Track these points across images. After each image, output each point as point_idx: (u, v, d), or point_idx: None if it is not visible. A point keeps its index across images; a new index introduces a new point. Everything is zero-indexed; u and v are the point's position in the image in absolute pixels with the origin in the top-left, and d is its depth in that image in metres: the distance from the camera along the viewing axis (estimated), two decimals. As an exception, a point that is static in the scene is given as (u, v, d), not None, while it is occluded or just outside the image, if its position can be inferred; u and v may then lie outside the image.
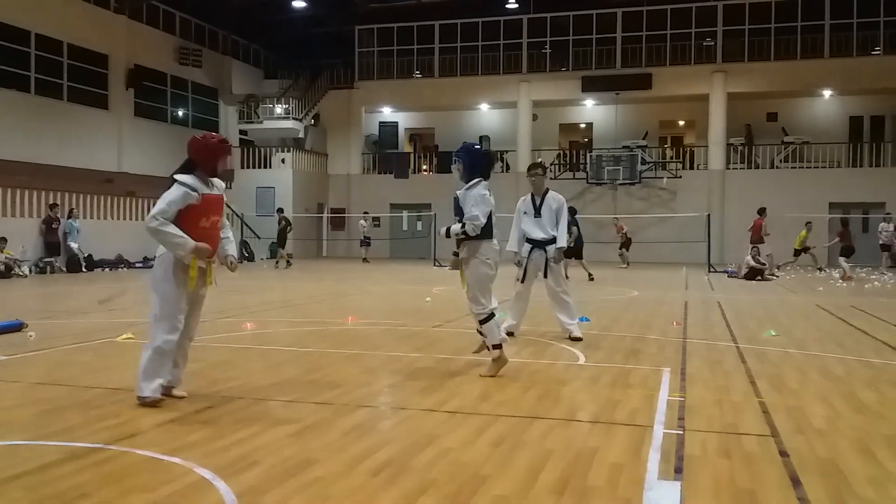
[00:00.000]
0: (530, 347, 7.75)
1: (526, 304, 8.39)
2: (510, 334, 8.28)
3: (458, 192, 6.26)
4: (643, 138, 31.08)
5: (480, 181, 6.20)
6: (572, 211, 19.64)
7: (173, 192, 5.10)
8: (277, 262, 23.77)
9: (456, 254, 6.34)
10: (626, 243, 24.48)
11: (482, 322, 6.20)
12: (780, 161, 29.88)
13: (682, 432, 4.51)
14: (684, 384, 5.91)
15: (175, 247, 5.02)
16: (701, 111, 30.44)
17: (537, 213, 8.15)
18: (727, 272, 20.87)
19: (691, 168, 30.40)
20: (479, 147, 6.85)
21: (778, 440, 4.38)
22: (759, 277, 18.59)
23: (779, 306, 12.44)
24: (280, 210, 25.28)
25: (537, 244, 8.16)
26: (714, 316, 10.90)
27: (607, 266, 24.30)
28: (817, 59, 28.50)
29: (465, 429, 4.57)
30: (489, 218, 6.14)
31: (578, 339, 8.04)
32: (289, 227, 24.20)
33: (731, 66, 29.20)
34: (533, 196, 8.26)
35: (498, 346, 6.20)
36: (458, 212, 6.20)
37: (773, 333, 8.76)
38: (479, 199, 6.10)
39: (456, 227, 6.13)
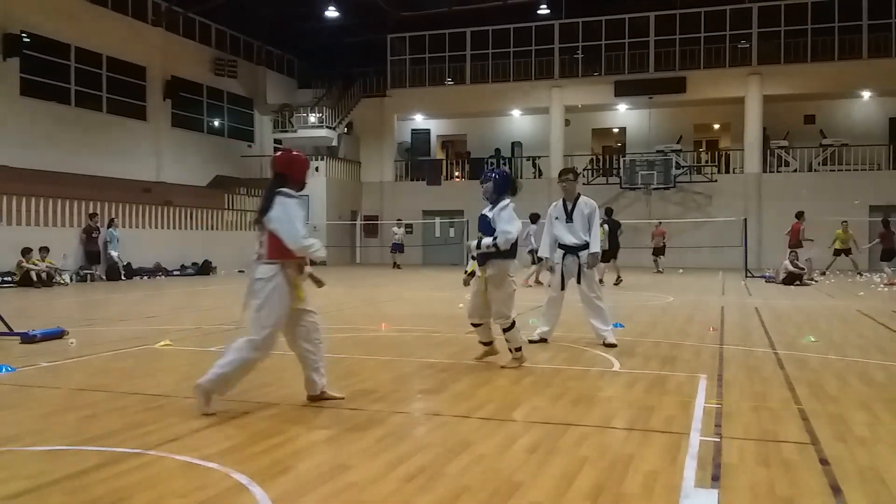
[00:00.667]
0: (564, 353, 7.70)
1: (559, 309, 8.37)
2: (543, 340, 8.27)
3: (486, 212, 6.73)
4: (677, 142, 30.79)
5: (510, 201, 6.71)
6: (608, 212, 19.50)
7: (295, 209, 5.04)
8: None
9: (470, 273, 6.91)
10: (660, 249, 24.24)
11: (506, 331, 6.72)
12: (819, 164, 29.39)
13: (719, 440, 4.44)
14: (721, 391, 5.83)
15: (317, 256, 5.10)
16: (736, 114, 30.08)
17: (569, 218, 8.12)
18: (765, 277, 20.55)
19: (727, 172, 30.02)
20: (507, 170, 7.17)
21: (818, 448, 4.29)
22: (798, 282, 18.28)
23: (818, 311, 12.22)
24: None
25: (570, 250, 8.13)
26: (751, 322, 10.73)
27: (642, 271, 24.08)
28: (855, 59, 28.01)
29: (499, 435, 4.56)
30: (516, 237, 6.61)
31: (613, 346, 7.97)
32: None
33: (767, 68, 28.82)
34: (564, 201, 8.22)
35: (519, 349, 6.82)
36: (485, 229, 6.65)
37: (813, 339, 8.60)
38: (510, 216, 6.61)
39: (487, 241, 6.55)
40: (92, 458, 4.04)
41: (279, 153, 5.39)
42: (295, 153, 5.40)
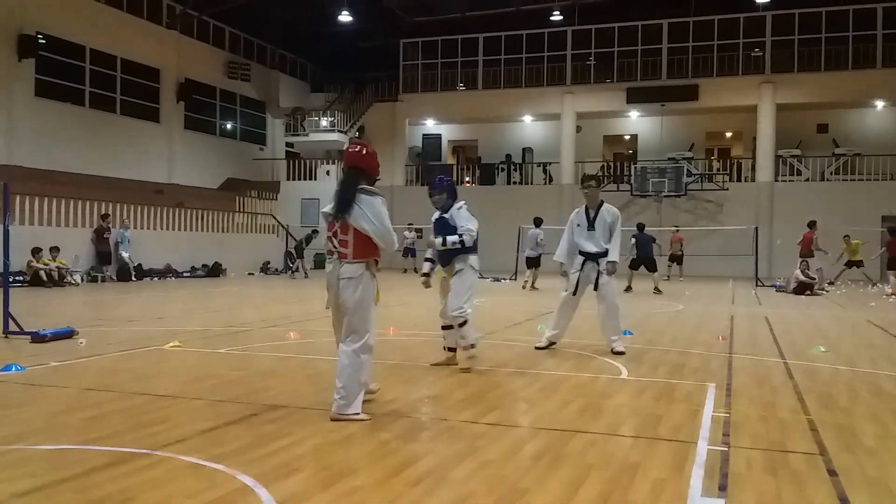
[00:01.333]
0: (572, 360, 7.69)
1: (571, 314, 8.36)
2: (552, 344, 8.25)
3: (443, 215, 7.01)
4: (689, 150, 30.70)
5: (463, 202, 7.05)
6: (640, 227, 19.64)
7: (381, 207, 5.06)
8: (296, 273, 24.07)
9: (426, 275, 7.20)
10: (678, 257, 24.17)
11: (462, 325, 6.82)
12: (831, 173, 29.24)
13: (726, 449, 4.42)
14: (730, 400, 5.80)
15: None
16: (749, 122, 29.97)
17: (591, 226, 8.13)
18: (775, 286, 20.44)
19: (739, 180, 29.92)
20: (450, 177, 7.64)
21: (826, 458, 4.27)
22: (809, 292, 18.17)
23: (828, 322, 12.15)
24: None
25: (590, 257, 8.14)
26: (761, 331, 10.68)
27: (650, 279, 23.99)
28: (869, 69, 27.85)
29: (506, 441, 4.55)
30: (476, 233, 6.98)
31: (621, 353, 7.96)
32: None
33: (780, 76, 28.70)
34: (587, 209, 8.23)
35: (472, 346, 6.92)
36: (445, 230, 6.92)
37: (823, 349, 8.55)
38: (469, 215, 6.97)
39: (453, 238, 6.84)
40: (99, 457, 4.06)
41: (352, 147, 5.25)
42: (367, 147, 5.29)
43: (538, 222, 19.66)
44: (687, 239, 27.18)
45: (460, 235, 6.84)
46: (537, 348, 8.16)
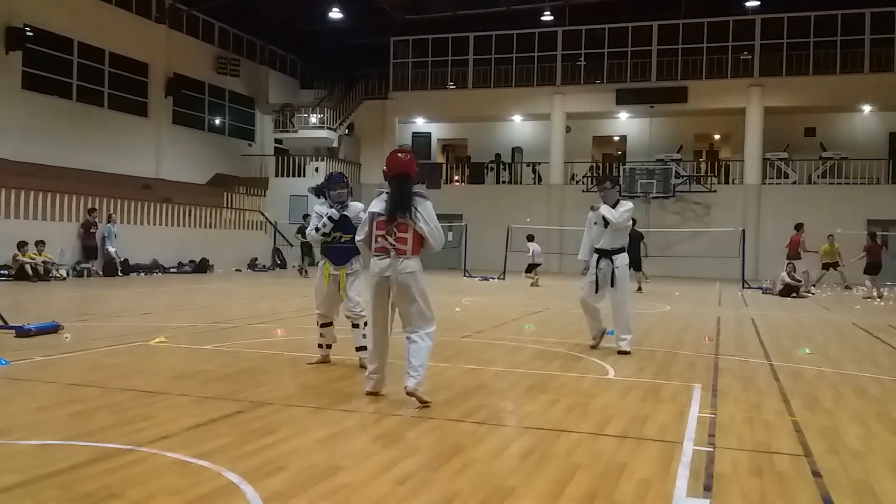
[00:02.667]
0: (559, 360, 7.71)
1: (597, 312, 8.50)
2: (603, 335, 8.51)
3: (345, 212, 6.82)
4: (678, 151, 30.83)
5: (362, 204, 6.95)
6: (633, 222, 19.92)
7: (432, 210, 5.54)
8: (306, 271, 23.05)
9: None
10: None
11: (366, 325, 6.59)
12: (818, 176, 29.43)
13: (712, 449, 4.45)
14: (715, 401, 5.83)
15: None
16: (737, 125, 30.12)
17: (606, 223, 8.28)
18: (762, 288, 20.56)
19: (726, 182, 30.06)
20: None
21: (811, 460, 4.30)
22: (795, 294, 18.29)
23: (814, 324, 12.23)
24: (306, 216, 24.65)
25: (605, 254, 8.29)
26: (747, 332, 10.74)
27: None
28: (857, 73, 28.03)
29: (492, 440, 4.56)
30: None
31: (626, 353, 8.05)
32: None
33: (769, 80, 28.85)
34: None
35: (362, 349, 6.78)
36: (347, 228, 6.70)
37: (808, 351, 8.61)
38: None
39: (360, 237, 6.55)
40: (84, 453, 4.04)
41: (401, 154, 5.64)
42: (411, 154, 5.72)
43: (532, 237, 21.78)
44: (675, 240, 27.31)
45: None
46: (592, 347, 8.40)
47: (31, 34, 22.23)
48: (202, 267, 23.81)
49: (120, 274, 20.42)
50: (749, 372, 7.24)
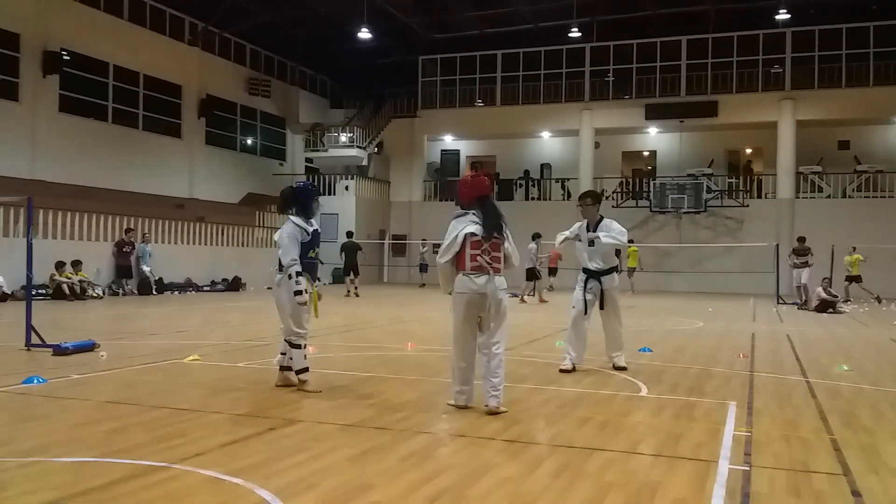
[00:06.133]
0: (591, 377, 7.64)
1: (585, 332, 8.08)
2: (574, 369, 7.96)
3: (317, 227, 6.65)
4: (709, 166, 30.57)
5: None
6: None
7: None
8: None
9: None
10: (553, 270, 24.18)
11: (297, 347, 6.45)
12: (853, 190, 28.97)
13: (748, 468, 4.37)
14: (751, 419, 5.73)
15: None
16: (769, 139, 29.79)
17: (591, 242, 8.02)
18: (797, 304, 20.24)
19: (759, 197, 29.71)
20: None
21: (850, 479, 4.20)
22: (831, 310, 17.97)
23: (851, 340, 12.00)
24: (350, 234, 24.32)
25: (592, 274, 8.03)
26: (783, 349, 10.57)
27: (670, 295, 23.87)
28: (891, 85, 27.62)
29: (524, 458, 4.53)
30: None
31: (623, 369, 7.92)
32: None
33: (801, 93, 28.55)
34: (588, 225, 8.14)
35: (303, 371, 6.48)
36: (315, 245, 6.60)
37: (846, 368, 8.44)
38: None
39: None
40: (119, 470, 4.08)
41: (483, 177, 6.02)
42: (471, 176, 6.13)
43: (536, 236, 20.58)
44: (707, 256, 27.00)
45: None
46: (561, 371, 7.95)
47: (68, 58, 22.77)
48: (234, 285, 24.05)
49: (154, 293, 20.70)
50: (785, 389, 7.12)
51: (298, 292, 6.29)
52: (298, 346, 6.45)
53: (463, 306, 5.69)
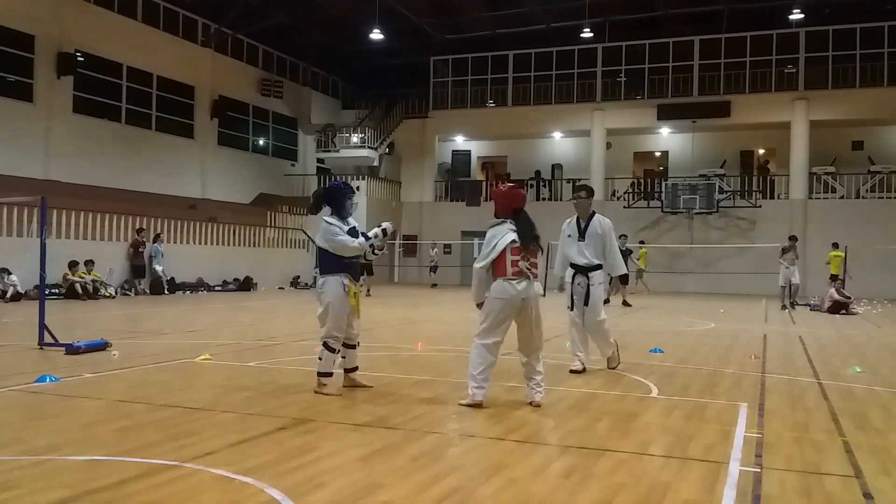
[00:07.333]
0: (601, 378, 7.62)
1: (585, 333, 8.05)
2: (584, 369, 7.94)
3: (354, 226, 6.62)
4: (721, 167, 30.43)
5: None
6: (621, 238, 19.64)
7: None
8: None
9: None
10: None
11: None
12: (867, 191, 28.76)
13: (759, 470, 4.35)
14: (762, 420, 5.71)
15: None
16: (782, 139, 29.62)
17: (581, 236, 7.98)
18: (809, 305, 20.12)
19: (772, 197, 29.54)
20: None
21: (862, 481, 4.18)
22: (844, 311, 17.86)
23: (864, 341, 11.92)
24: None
25: (580, 270, 7.95)
26: (795, 350, 10.51)
27: (682, 296, 23.78)
28: (906, 85, 27.43)
29: (534, 459, 4.52)
30: None
31: (615, 367, 7.99)
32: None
33: (814, 93, 28.37)
34: (578, 219, 8.10)
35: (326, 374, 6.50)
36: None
37: (858, 370, 8.39)
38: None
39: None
40: (130, 469, 4.11)
41: (518, 189, 6.45)
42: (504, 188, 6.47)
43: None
44: (719, 257, 26.86)
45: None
46: (572, 372, 7.89)
47: (82, 59, 22.93)
48: (246, 285, 24.14)
49: (166, 292, 20.80)
50: (797, 390, 7.08)
51: (370, 240, 6.54)
52: (333, 350, 6.47)
53: (500, 309, 5.92)
